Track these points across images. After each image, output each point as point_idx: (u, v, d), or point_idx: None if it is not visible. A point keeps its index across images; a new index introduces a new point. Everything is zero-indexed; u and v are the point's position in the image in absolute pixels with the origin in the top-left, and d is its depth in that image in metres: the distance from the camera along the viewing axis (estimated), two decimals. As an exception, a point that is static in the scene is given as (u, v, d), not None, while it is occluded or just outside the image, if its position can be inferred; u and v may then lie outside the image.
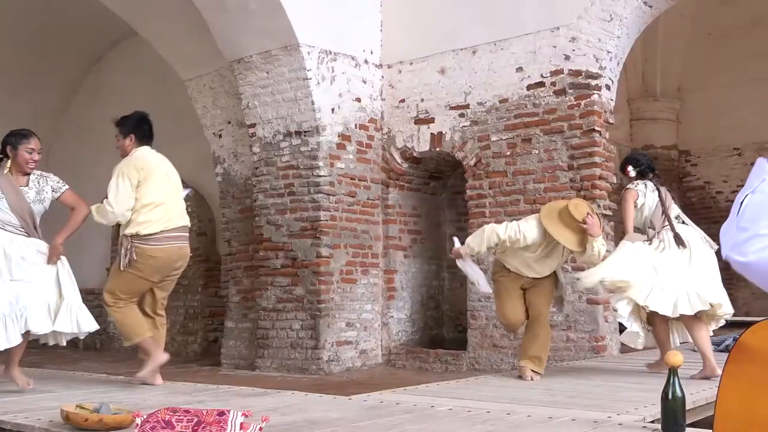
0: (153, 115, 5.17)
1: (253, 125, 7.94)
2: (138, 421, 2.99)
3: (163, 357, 4.90)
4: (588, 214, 4.98)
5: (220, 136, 8.73)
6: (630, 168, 5.52)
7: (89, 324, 4.75)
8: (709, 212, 11.26)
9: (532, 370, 5.21)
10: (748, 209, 1.48)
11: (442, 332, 8.75)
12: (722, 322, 5.32)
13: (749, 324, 1.60)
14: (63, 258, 4.76)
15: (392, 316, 8.08)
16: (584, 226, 4.97)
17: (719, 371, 4.67)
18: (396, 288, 8.14)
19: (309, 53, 7.45)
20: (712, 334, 5.34)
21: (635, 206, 5.36)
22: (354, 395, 4.66)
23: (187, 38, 8.32)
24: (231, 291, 8.45)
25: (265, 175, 7.87)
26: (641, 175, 5.51)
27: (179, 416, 3.03)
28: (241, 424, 3.01)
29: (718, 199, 11.48)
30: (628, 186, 5.46)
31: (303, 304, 7.48)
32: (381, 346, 8.00)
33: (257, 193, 7.93)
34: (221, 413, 3.07)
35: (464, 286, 7.75)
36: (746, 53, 10.82)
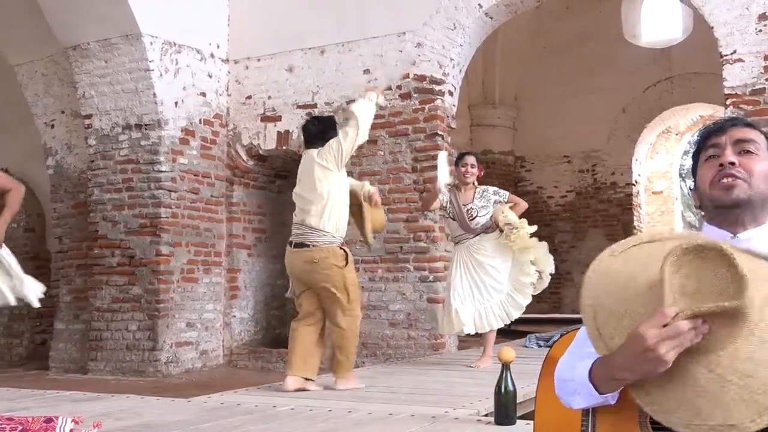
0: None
1: (89, 116, 7.56)
2: (-47, 431, 2.77)
3: None
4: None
5: (53, 126, 8.25)
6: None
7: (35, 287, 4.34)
8: (541, 215, 11.88)
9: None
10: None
11: (286, 332, 8.65)
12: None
13: (576, 321, 1.71)
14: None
15: (235, 316, 7.96)
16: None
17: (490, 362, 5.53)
18: (239, 287, 8.03)
19: (152, 44, 7.19)
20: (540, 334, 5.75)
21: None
22: (193, 397, 4.55)
23: (18, 20, 7.79)
24: (62, 290, 8.02)
25: (101, 168, 7.51)
26: None
27: (0, 425, 2.83)
28: (71, 430, 2.86)
29: (549, 203, 12.15)
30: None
31: (140, 303, 7.22)
32: (223, 346, 7.86)
33: (93, 187, 7.56)
34: (48, 420, 2.90)
35: (308, 285, 7.75)
36: (576, 68, 11.55)
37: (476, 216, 5.67)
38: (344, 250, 4.77)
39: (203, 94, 7.75)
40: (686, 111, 11.92)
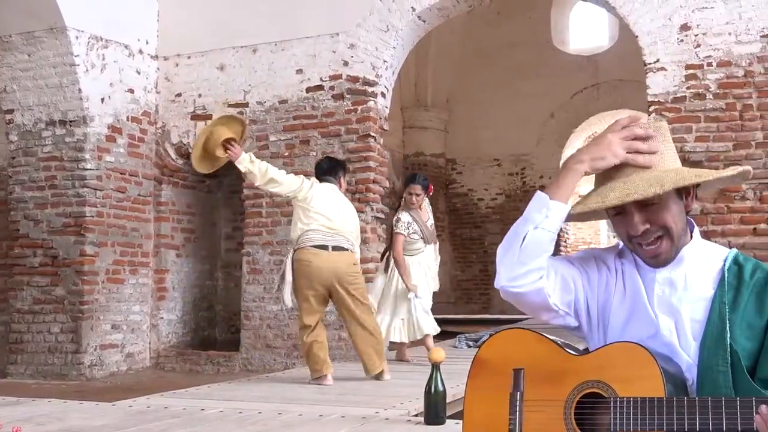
0: None
1: (10, 111, 7.31)
2: None
3: None
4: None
5: (-29, 120, 7.94)
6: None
7: None
8: (471, 217, 12.08)
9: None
10: (530, 245, 1.60)
11: (215, 333, 8.60)
12: None
13: (504, 321, 1.74)
14: None
15: (162, 318, 7.81)
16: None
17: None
18: (167, 288, 7.88)
19: (77, 38, 7.00)
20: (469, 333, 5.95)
21: None
22: (119, 401, 4.45)
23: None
24: (-21, 291, 7.72)
25: (23, 165, 7.27)
26: None
27: None
28: (-12, 436, 2.76)
29: (480, 205, 12.33)
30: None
31: (64, 305, 7.01)
32: (149, 348, 7.70)
33: (13, 185, 7.31)
34: (-36, 426, 2.79)
35: (238, 286, 7.68)
36: (506, 72, 11.76)
37: (434, 230, 6.38)
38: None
39: (131, 91, 7.58)
40: (612, 117, 12.26)
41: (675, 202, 1.58)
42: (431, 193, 6.39)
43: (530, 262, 1.59)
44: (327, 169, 5.48)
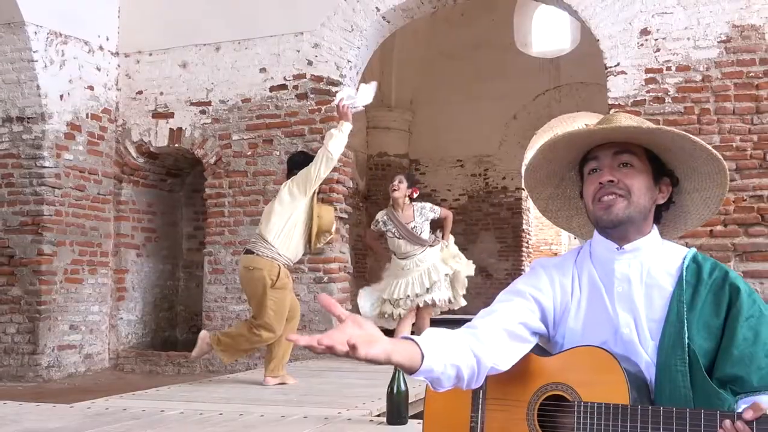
0: None
1: (-35, 107, 7.15)
2: None
3: None
4: None
5: (-76, 116, 7.74)
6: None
7: None
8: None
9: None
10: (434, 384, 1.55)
11: (176, 334, 8.51)
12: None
13: (468, 321, 1.74)
14: None
15: (122, 318, 7.71)
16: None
17: None
18: (127, 288, 7.78)
19: (36, 33, 6.87)
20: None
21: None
22: (77, 402, 4.38)
23: None
24: (-68, 291, 7.53)
25: (-22, 163, 7.11)
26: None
27: None
28: (-59, 440, 2.69)
29: (443, 205, 12.33)
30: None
31: (20, 305, 6.88)
32: (108, 349, 7.59)
33: (-32, 182, 7.15)
34: None
35: (200, 286, 7.61)
36: (470, 74, 11.81)
37: (421, 233, 6.29)
38: (281, 271, 4.97)
39: (91, 88, 7.47)
40: (573, 119, 12.40)
41: (647, 179, 1.63)
42: (416, 195, 6.46)
43: (462, 384, 1.52)
44: (303, 163, 5.18)
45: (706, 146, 1.62)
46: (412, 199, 6.43)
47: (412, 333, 6.52)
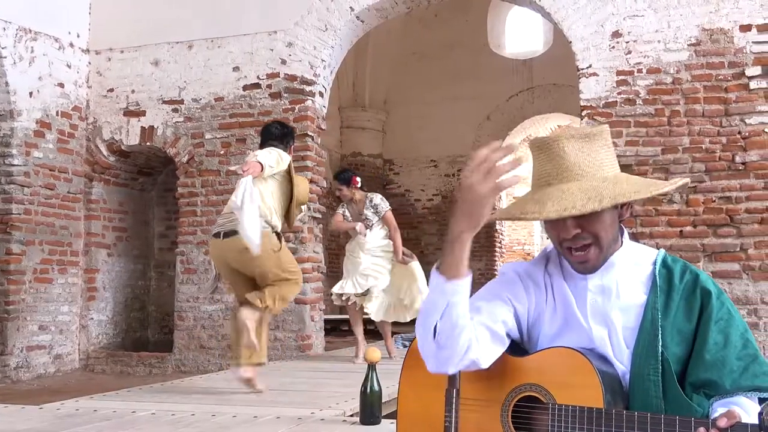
0: None
1: (-68, 103, 7.02)
2: None
3: None
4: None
5: None
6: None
7: None
8: (408, 218, 12.12)
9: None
10: (443, 334, 1.55)
11: (147, 334, 8.43)
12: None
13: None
14: None
15: (92, 318, 7.62)
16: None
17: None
18: (97, 288, 7.69)
19: (5, 29, 6.77)
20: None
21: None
22: (46, 404, 4.32)
23: None
24: None
25: (-55, 160, 7.00)
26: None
27: None
28: None
29: (416, 206, 12.41)
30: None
31: (-12, 305, 6.77)
32: (78, 350, 7.51)
33: (-65, 180, 7.02)
34: None
35: (172, 286, 7.55)
36: (443, 74, 11.86)
37: (372, 224, 6.21)
38: (277, 233, 4.65)
39: (61, 85, 7.37)
40: (546, 120, 12.51)
41: (609, 213, 1.57)
42: (358, 185, 6.23)
43: (450, 345, 1.52)
44: (279, 136, 4.89)
45: (668, 190, 1.60)
46: (357, 188, 6.27)
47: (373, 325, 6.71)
